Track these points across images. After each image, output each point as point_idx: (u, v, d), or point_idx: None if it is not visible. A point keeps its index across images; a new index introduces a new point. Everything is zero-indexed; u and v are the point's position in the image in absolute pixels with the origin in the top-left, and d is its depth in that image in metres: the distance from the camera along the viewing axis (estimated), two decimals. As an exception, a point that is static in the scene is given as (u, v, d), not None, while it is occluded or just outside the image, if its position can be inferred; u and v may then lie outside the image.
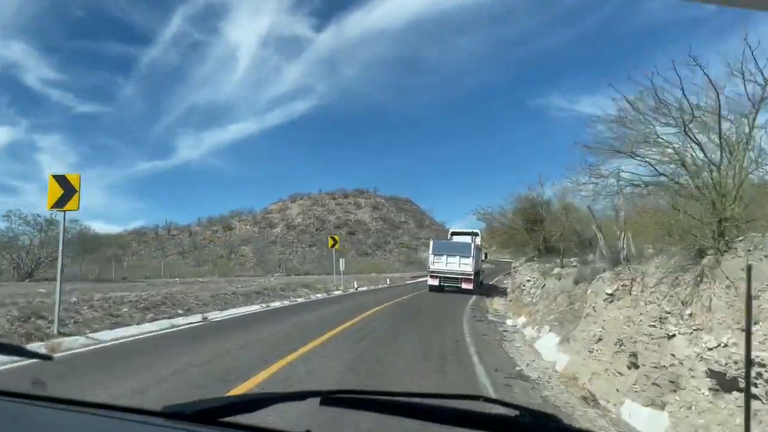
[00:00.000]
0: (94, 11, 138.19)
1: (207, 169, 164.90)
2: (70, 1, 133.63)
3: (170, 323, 10.93)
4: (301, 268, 70.69)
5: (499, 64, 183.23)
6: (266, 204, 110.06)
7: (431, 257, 27.61)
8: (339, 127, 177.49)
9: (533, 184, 28.80)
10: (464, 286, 26.43)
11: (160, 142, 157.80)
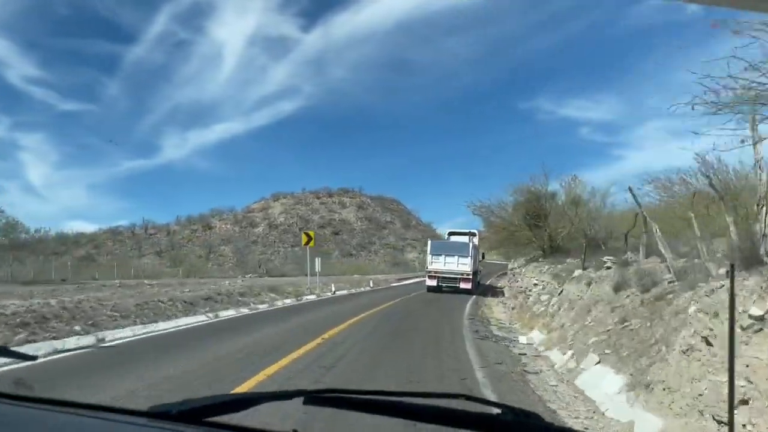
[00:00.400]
0: (78, 9, 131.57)
1: (192, 169, 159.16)
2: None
3: (36, 348, 7.40)
4: (281, 268, 67.08)
5: (488, 66, 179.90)
6: (248, 203, 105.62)
7: (429, 257, 27.17)
8: (326, 128, 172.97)
9: (537, 176, 25.76)
10: (463, 285, 25.88)
11: (145, 141, 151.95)
